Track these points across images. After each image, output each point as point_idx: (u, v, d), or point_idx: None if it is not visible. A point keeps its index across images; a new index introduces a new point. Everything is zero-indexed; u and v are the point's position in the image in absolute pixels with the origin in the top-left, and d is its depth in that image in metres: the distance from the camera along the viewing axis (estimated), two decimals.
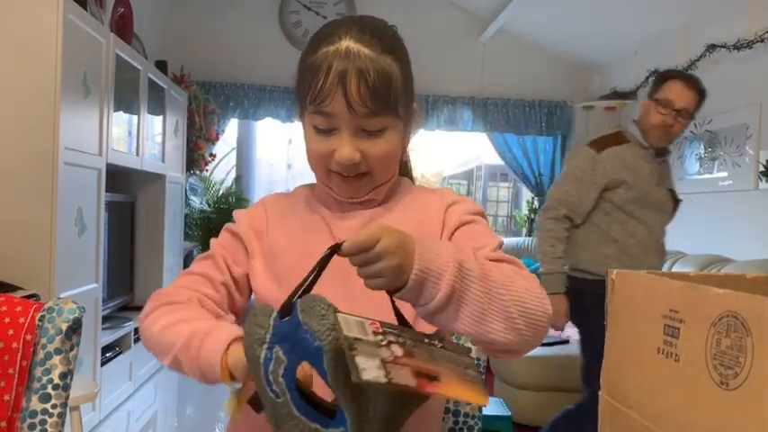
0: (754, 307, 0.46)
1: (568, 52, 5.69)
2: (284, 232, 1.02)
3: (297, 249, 0.97)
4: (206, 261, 1.03)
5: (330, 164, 0.94)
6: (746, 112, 3.74)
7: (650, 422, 0.57)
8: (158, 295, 0.97)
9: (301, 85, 0.94)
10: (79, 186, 2.90)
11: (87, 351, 3.02)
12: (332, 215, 1.01)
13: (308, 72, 0.92)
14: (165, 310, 0.93)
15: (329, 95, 0.89)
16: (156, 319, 0.92)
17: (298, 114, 1.00)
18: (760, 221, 3.60)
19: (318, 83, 0.89)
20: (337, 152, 0.92)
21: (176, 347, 0.87)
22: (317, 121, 0.92)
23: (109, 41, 3.18)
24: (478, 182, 8.19)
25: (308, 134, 0.95)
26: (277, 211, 1.05)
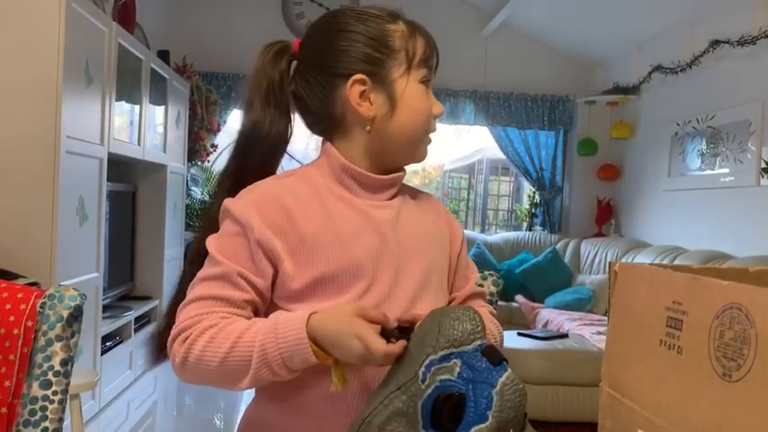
0: (758, 299, 0.46)
1: (571, 47, 5.67)
2: (313, 226, 0.92)
3: (336, 241, 0.92)
4: (216, 282, 0.89)
5: (430, 122, 0.98)
6: (749, 108, 3.73)
7: (652, 414, 0.57)
8: (182, 337, 0.87)
9: (394, 46, 0.95)
10: (81, 175, 2.90)
11: (87, 340, 3.03)
12: (364, 203, 0.96)
13: (398, 36, 0.95)
14: (203, 345, 0.85)
15: (434, 51, 0.98)
16: (202, 359, 0.85)
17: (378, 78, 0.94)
18: (761, 218, 3.60)
19: (427, 42, 0.98)
20: (437, 107, 0.98)
21: (253, 365, 0.83)
22: (424, 73, 0.97)
23: (111, 31, 3.17)
24: (480, 175, 8.17)
25: (415, 92, 0.95)
26: (294, 199, 0.93)
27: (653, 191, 4.92)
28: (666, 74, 4.54)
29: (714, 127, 4.09)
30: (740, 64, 3.83)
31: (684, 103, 4.46)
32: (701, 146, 4.25)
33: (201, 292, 0.89)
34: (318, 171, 0.98)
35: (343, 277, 0.91)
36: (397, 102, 0.94)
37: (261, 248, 0.89)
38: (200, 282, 0.90)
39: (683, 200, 4.48)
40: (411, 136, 0.97)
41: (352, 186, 0.97)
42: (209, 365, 0.85)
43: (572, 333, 3.81)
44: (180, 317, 0.89)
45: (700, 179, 4.27)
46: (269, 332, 0.83)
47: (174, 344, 0.88)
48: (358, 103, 0.93)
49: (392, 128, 0.95)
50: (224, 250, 0.90)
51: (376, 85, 0.94)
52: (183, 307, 0.89)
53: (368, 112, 0.93)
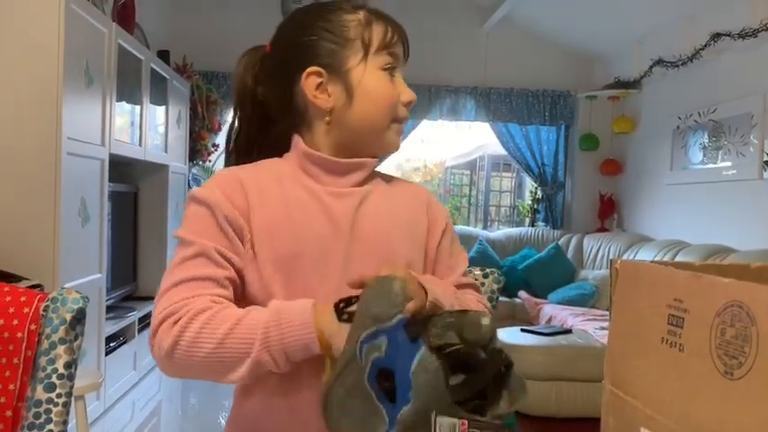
0: (759, 296, 0.46)
1: (572, 42, 5.66)
2: (270, 210, 0.92)
3: (290, 231, 0.91)
4: (194, 262, 0.86)
5: (397, 109, 0.97)
6: (751, 101, 3.72)
7: (654, 412, 0.57)
8: (170, 321, 0.83)
9: (349, 35, 0.95)
10: (82, 176, 2.90)
11: (91, 341, 3.04)
12: (324, 191, 0.95)
13: (354, 25, 0.95)
14: (197, 327, 0.82)
15: (398, 39, 0.97)
16: (197, 341, 0.81)
17: (334, 69, 0.94)
18: (764, 211, 3.59)
19: (387, 28, 0.96)
20: (406, 93, 0.97)
21: (255, 349, 0.81)
22: (387, 61, 0.95)
23: (111, 31, 3.18)
24: (481, 171, 8.16)
25: (376, 79, 0.95)
26: (254, 184, 0.93)
27: (655, 185, 4.92)
28: (667, 67, 4.53)
29: (716, 120, 4.08)
30: (741, 57, 3.82)
31: (686, 97, 4.45)
32: (702, 139, 4.25)
33: (182, 275, 0.85)
34: (285, 162, 0.99)
35: (291, 266, 0.90)
36: (354, 91, 0.94)
37: (230, 225, 0.89)
38: (176, 266, 0.87)
39: (686, 194, 4.47)
40: (373, 124, 0.96)
41: (315, 173, 0.97)
42: (201, 350, 0.81)
43: (575, 329, 3.81)
44: (161, 304, 0.84)
45: (702, 173, 4.26)
46: (272, 316, 0.82)
47: (159, 330, 0.82)
48: (314, 96, 0.94)
49: (352, 117, 0.95)
50: (194, 231, 0.89)
51: (332, 76, 0.94)
52: (164, 294, 0.85)
53: (325, 103, 0.95)
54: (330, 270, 0.92)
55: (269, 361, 0.81)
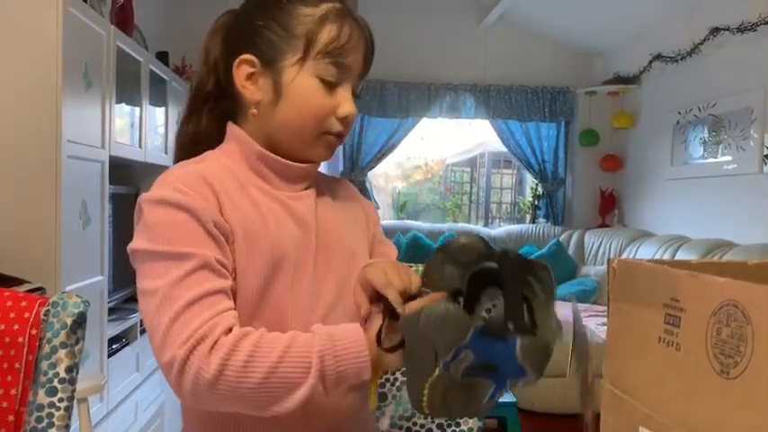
0: (754, 295, 0.46)
1: (570, 38, 5.65)
2: (243, 215, 0.86)
3: (269, 239, 0.87)
4: (200, 274, 0.78)
5: (327, 122, 0.90)
6: (751, 95, 3.72)
7: (651, 411, 0.57)
8: (205, 346, 0.73)
9: (294, 31, 0.87)
10: (83, 179, 2.91)
11: (94, 343, 3.04)
12: (284, 195, 0.92)
13: (306, 21, 0.87)
14: (247, 352, 0.74)
15: (352, 49, 0.88)
16: (248, 367, 0.73)
17: (268, 62, 0.88)
18: (764, 205, 3.59)
19: (340, 33, 0.87)
20: (344, 107, 0.89)
21: (311, 376, 0.75)
22: (329, 72, 0.87)
23: (110, 33, 3.18)
24: (482, 169, 8.16)
25: (308, 87, 0.87)
26: (220, 184, 0.87)
27: (656, 180, 4.91)
28: (667, 62, 4.53)
29: (716, 115, 4.07)
30: (741, 51, 3.81)
31: (685, 92, 4.45)
32: (703, 134, 4.24)
33: (191, 295, 0.76)
34: (230, 158, 0.92)
35: (270, 269, 0.86)
36: (282, 91, 0.88)
37: (218, 230, 0.82)
38: (176, 285, 0.76)
39: (686, 189, 4.47)
40: (295, 132, 0.90)
41: (267, 176, 0.92)
42: (253, 376, 0.73)
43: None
44: (179, 331, 0.74)
45: (702, 167, 4.26)
46: (326, 342, 0.76)
47: (191, 358, 0.73)
48: (243, 85, 0.90)
49: (275, 119, 0.90)
50: (183, 239, 0.79)
51: (265, 69, 0.89)
52: (176, 319, 0.74)
53: (252, 95, 0.90)
54: (304, 272, 0.90)
55: (321, 389, 0.76)
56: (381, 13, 5.56)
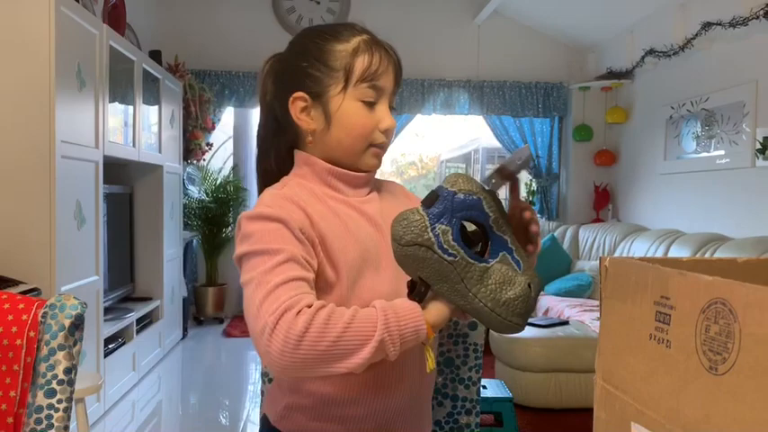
0: (741, 293, 0.47)
1: (563, 33, 5.66)
2: (326, 223, 1.00)
3: (353, 239, 1.01)
4: (287, 264, 0.90)
5: (372, 136, 1.05)
6: (743, 89, 3.73)
7: (643, 406, 0.58)
8: (291, 314, 0.84)
9: (334, 65, 1.02)
10: (77, 179, 2.90)
11: (90, 343, 3.04)
12: (355, 201, 1.07)
13: (341, 55, 1.02)
14: (325, 315, 0.85)
15: (384, 72, 1.03)
16: (327, 325, 0.84)
17: (316, 95, 1.03)
18: (757, 198, 3.61)
19: (372, 61, 1.02)
20: (384, 122, 1.05)
21: (378, 331, 0.86)
22: (367, 94, 1.02)
23: (102, 33, 3.17)
24: (476, 164, 8.18)
25: (352, 110, 1.02)
26: (304, 202, 1.01)
27: (649, 175, 4.93)
28: (659, 57, 4.55)
29: (708, 109, 4.09)
30: (733, 45, 3.83)
31: (678, 86, 4.47)
32: (695, 128, 4.26)
33: (279, 279, 0.88)
34: (305, 179, 1.07)
35: (358, 270, 1.00)
36: (331, 118, 1.03)
37: (304, 235, 0.96)
38: (268, 273, 0.89)
39: (680, 183, 4.49)
40: (347, 149, 1.05)
41: (339, 186, 1.07)
42: (331, 333, 0.84)
43: (572, 320, 3.83)
44: (270, 304, 0.85)
45: (695, 162, 4.28)
46: (386, 307, 0.89)
47: (281, 322, 0.83)
48: (298, 117, 1.05)
49: (329, 140, 1.05)
50: (275, 240, 0.93)
51: (315, 101, 1.04)
52: (267, 297, 0.86)
53: (307, 125, 1.05)
54: (383, 265, 1.03)
55: (389, 344, 0.87)
56: (375, 9, 5.56)
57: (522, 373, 3.41)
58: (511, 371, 3.46)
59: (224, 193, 5.53)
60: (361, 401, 1.02)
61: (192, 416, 3.57)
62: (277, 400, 1.08)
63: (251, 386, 3.92)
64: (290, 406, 1.05)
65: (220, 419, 3.45)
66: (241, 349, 4.79)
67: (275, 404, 1.08)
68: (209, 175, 5.60)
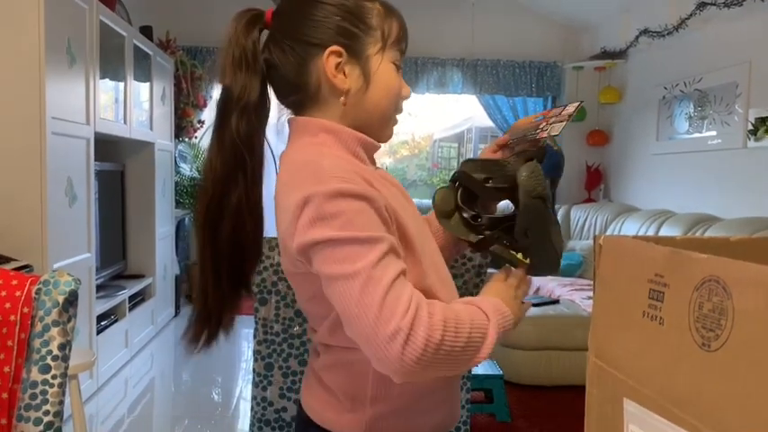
0: (734, 270, 0.47)
1: (558, 12, 5.63)
2: (391, 197, 0.93)
3: (406, 213, 0.95)
4: (391, 256, 0.83)
5: (400, 102, 1.01)
6: (736, 70, 3.74)
7: (636, 383, 0.59)
8: (423, 316, 0.80)
9: (372, 23, 0.96)
10: (68, 156, 2.88)
11: (83, 320, 3.05)
12: (377, 173, 0.99)
13: (375, 14, 0.97)
14: (454, 315, 0.84)
15: (404, 37, 1.00)
16: (458, 326, 0.83)
17: (354, 52, 0.95)
18: (748, 180, 3.63)
19: (401, 25, 1.00)
20: (406, 88, 1.01)
21: (492, 324, 0.87)
22: (397, 57, 0.99)
23: (92, 8, 3.13)
24: (469, 144, 8.18)
25: (390, 71, 0.97)
26: (365, 174, 0.92)
27: (641, 155, 4.95)
28: (653, 37, 4.54)
29: (701, 90, 4.10)
30: (727, 26, 3.82)
31: (672, 67, 4.46)
32: (688, 109, 4.27)
33: (391, 274, 0.81)
34: (329, 149, 0.94)
35: (414, 244, 0.94)
36: (371, 78, 0.95)
37: (387, 212, 0.88)
38: (375, 266, 0.81)
39: (672, 163, 4.51)
40: (383, 113, 0.98)
41: (364, 158, 0.98)
42: (462, 334, 0.83)
43: (563, 299, 3.86)
44: (393, 303, 0.79)
45: (688, 142, 4.29)
46: (482, 299, 0.92)
47: (418, 325, 0.79)
48: (333, 74, 0.93)
49: (366, 103, 0.96)
50: (369, 225, 0.83)
51: (351, 58, 0.94)
52: (387, 294, 0.79)
53: (342, 84, 0.94)
54: (427, 234, 1.02)
55: (501, 332, 0.89)
56: None
57: (512, 350, 3.44)
58: (501, 349, 3.49)
59: None
60: (438, 388, 0.98)
61: (184, 393, 3.59)
62: (355, 410, 0.96)
63: (243, 363, 3.95)
64: (379, 416, 0.95)
65: (213, 396, 3.47)
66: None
67: (351, 418, 0.96)
68: (200, 153, 5.56)
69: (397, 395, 0.94)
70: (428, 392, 0.97)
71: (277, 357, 1.46)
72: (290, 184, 0.88)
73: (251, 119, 0.93)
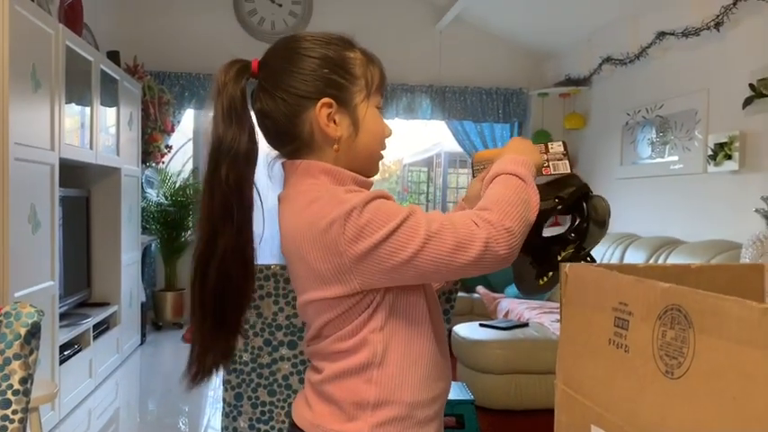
0: (695, 300, 0.48)
1: (524, 40, 5.75)
2: None
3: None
4: (420, 211, 0.99)
5: (384, 144, 1.09)
6: (695, 97, 3.85)
7: (603, 410, 0.60)
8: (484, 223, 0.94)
9: (356, 73, 1.04)
10: (31, 182, 2.83)
11: (45, 350, 2.97)
12: None
13: (358, 63, 1.05)
14: (500, 202, 0.98)
15: (384, 81, 1.08)
16: (507, 206, 0.96)
17: (343, 102, 1.02)
18: (709, 203, 3.72)
19: (381, 71, 1.08)
20: (389, 128, 1.09)
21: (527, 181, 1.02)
22: (379, 101, 1.07)
23: (58, 33, 3.10)
24: (438, 168, 8.24)
25: (375, 116, 1.06)
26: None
27: (606, 179, 5.04)
28: (616, 65, 4.66)
29: (663, 116, 4.20)
30: (685, 54, 3.94)
31: (634, 94, 4.58)
32: (650, 135, 4.37)
33: (439, 218, 0.94)
34: (324, 188, 1.00)
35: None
36: (359, 125, 1.03)
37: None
38: (429, 223, 0.93)
39: (636, 187, 4.60)
40: (371, 154, 1.07)
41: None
42: (514, 203, 0.96)
43: (532, 322, 3.89)
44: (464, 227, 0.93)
45: (651, 167, 4.39)
46: (502, 161, 1.05)
47: (483, 226, 0.92)
48: (326, 124, 1.00)
49: (356, 147, 1.04)
50: (396, 209, 0.94)
51: (341, 108, 1.02)
52: (455, 227, 0.92)
53: (335, 132, 1.01)
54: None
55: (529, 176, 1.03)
56: (337, 13, 5.56)
57: (483, 375, 3.44)
58: (472, 373, 3.49)
59: (183, 197, 5.46)
60: (434, 388, 1.04)
61: (150, 423, 3.51)
62: (359, 418, 0.99)
63: (211, 392, 3.88)
64: (382, 422, 0.98)
65: (180, 426, 3.40)
66: None
67: (355, 426, 0.99)
68: (168, 178, 5.51)
69: (398, 400, 0.99)
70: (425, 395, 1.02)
71: (246, 387, 1.44)
72: (309, 219, 0.95)
73: (240, 167, 1.00)
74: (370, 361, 0.96)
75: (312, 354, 1.05)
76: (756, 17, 3.34)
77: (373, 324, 0.97)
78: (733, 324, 0.45)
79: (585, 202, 1.17)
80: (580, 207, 1.17)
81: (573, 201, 1.16)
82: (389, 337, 0.98)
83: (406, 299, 0.99)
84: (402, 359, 0.99)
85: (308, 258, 0.94)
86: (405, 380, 1.00)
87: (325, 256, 0.92)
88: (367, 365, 0.96)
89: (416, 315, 1.01)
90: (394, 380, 0.98)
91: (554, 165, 1.16)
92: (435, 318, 1.05)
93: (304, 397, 1.06)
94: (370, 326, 0.97)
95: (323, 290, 0.95)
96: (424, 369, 1.01)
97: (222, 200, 0.98)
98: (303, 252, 0.95)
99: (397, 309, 0.98)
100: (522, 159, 1.04)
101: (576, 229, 1.17)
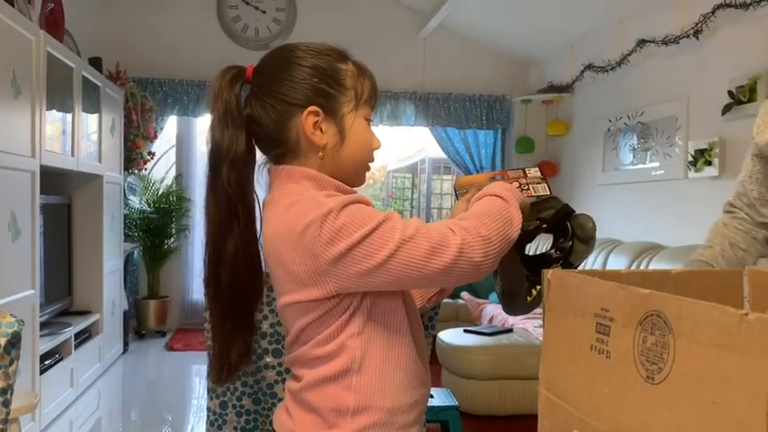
0: (675, 306, 0.49)
1: (507, 47, 5.79)
2: None
3: None
4: (397, 217, 1.01)
5: (371, 154, 1.11)
6: (675, 104, 3.90)
7: (585, 415, 0.60)
8: (457, 235, 0.95)
9: (346, 84, 1.06)
10: (12, 190, 2.80)
11: (25, 360, 2.93)
12: None
13: (349, 75, 1.07)
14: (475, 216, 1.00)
15: (375, 94, 1.10)
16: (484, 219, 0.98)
17: (330, 111, 1.04)
18: (690, 208, 3.76)
19: (372, 84, 1.09)
20: (377, 140, 1.11)
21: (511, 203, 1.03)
22: (368, 113, 1.09)
23: (39, 39, 3.08)
24: (422, 175, 8.26)
25: (362, 127, 1.07)
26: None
27: (589, 185, 5.08)
28: (598, 72, 4.70)
29: (644, 122, 4.25)
30: (666, 62, 4.00)
31: (615, 100, 4.62)
32: (632, 141, 4.42)
33: (413, 223, 0.95)
34: (305, 192, 1.02)
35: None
36: (345, 134, 1.05)
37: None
38: (405, 228, 0.94)
39: (618, 193, 4.64)
40: (356, 164, 1.09)
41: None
42: (492, 219, 0.97)
43: (516, 327, 3.90)
44: (442, 234, 0.93)
45: (632, 173, 4.43)
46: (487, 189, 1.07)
47: (460, 235, 0.93)
48: (312, 132, 1.03)
49: (341, 156, 1.06)
50: (372, 214, 0.96)
51: (328, 117, 1.04)
52: (429, 233, 0.93)
53: (320, 140, 1.03)
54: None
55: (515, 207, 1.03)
56: (321, 20, 5.57)
57: (467, 380, 3.45)
58: (456, 379, 3.49)
59: (166, 204, 5.42)
60: (414, 394, 1.04)
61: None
62: (339, 425, 0.99)
63: (195, 401, 3.85)
64: (362, 428, 0.98)
65: None
66: (184, 363, 4.69)
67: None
68: (150, 185, 5.47)
69: (378, 406, 1.00)
70: (407, 400, 1.03)
71: (231, 396, 1.43)
72: (287, 222, 0.96)
73: (240, 169, 1.04)
74: (348, 367, 0.97)
75: (292, 361, 1.06)
76: (734, 25, 3.39)
77: (351, 329, 0.98)
78: (712, 329, 0.45)
79: (569, 222, 1.19)
80: (564, 226, 1.19)
81: (555, 222, 1.18)
82: (368, 343, 0.98)
83: (384, 304, 1.00)
84: (381, 365, 0.99)
85: (287, 261, 0.96)
86: (384, 386, 1.01)
87: (303, 258, 0.94)
88: (346, 371, 0.97)
89: (395, 321, 1.01)
90: (373, 386, 0.99)
91: (533, 188, 1.19)
92: (414, 324, 1.06)
93: (285, 406, 1.07)
94: (348, 331, 0.97)
95: (300, 292, 0.97)
96: (403, 375, 1.02)
97: (227, 200, 1.02)
98: (282, 254, 0.97)
99: (374, 314, 0.99)
100: (508, 186, 1.07)
101: (561, 248, 1.19)
